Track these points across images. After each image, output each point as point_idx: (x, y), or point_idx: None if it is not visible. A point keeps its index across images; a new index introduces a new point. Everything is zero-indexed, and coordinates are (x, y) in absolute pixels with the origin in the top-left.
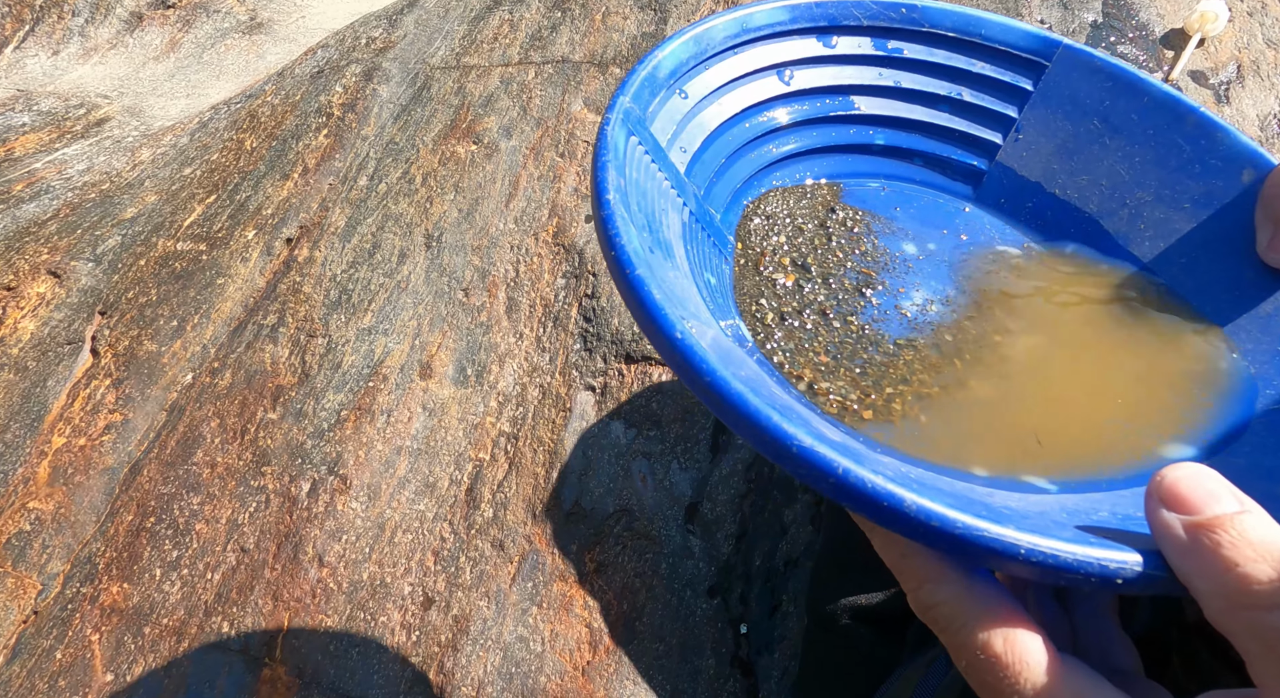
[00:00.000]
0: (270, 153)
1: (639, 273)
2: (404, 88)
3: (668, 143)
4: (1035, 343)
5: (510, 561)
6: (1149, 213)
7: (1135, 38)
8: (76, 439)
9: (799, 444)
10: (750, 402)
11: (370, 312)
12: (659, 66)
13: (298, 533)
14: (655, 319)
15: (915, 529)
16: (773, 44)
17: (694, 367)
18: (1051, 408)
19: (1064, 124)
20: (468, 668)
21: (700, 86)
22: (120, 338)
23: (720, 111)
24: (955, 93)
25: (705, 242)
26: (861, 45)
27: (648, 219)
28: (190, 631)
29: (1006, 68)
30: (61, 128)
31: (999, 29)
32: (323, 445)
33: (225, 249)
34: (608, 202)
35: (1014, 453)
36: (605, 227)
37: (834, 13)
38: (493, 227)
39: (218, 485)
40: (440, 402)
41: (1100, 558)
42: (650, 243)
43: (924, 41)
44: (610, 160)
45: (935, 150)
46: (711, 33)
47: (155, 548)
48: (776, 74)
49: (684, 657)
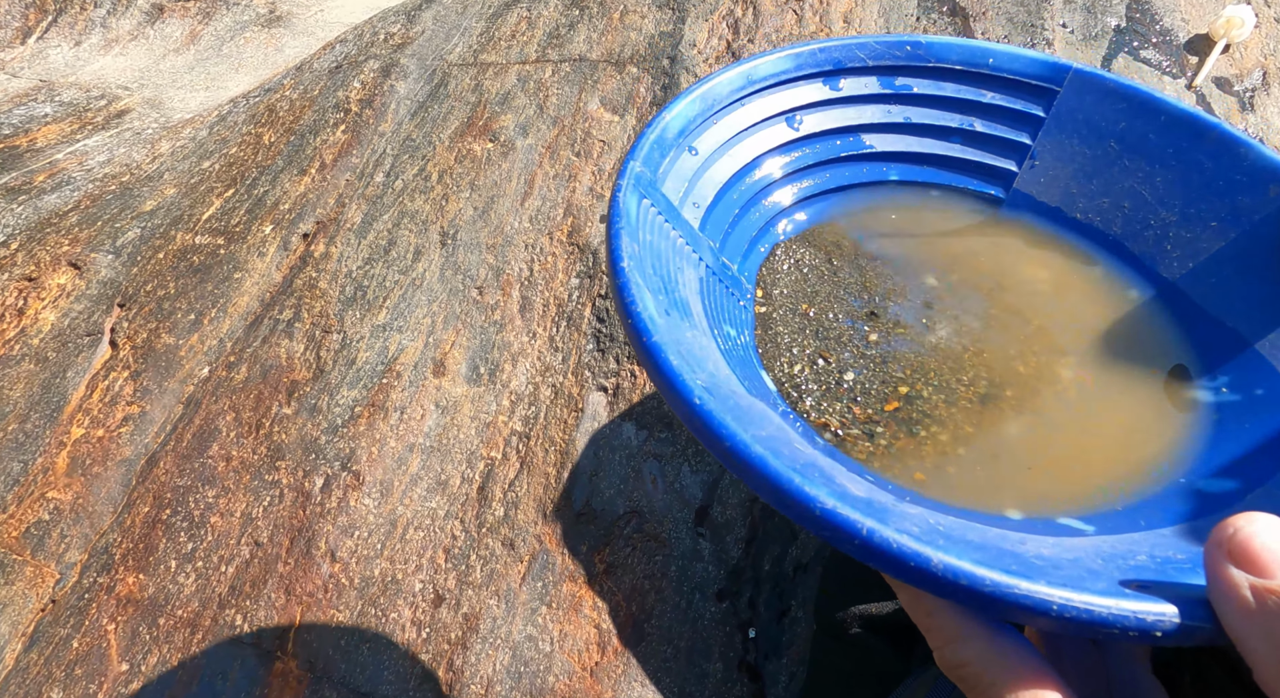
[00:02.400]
0: (288, 147)
1: (655, 340)
2: (421, 84)
3: (680, 201)
4: (1067, 375)
5: (520, 560)
6: (1175, 233)
7: (1159, 43)
8: (95, 430)
9: (822, 506)
10: (771, 464)
11: (385, 308)
12: (667, 127)
13: (310, 528)
14: (674, 385)
15: (943, 587)
16: (779, 92)
17: (713, 431)
18: (1085, 443)
19: (1080, 148)
20: (477, 666)
21: (709, 142)
22: (139, 330)
23: (731, 164)
24: (967, 124)
25: (723, 294)
26: (868, 85)
27: (663, 281)
28: (204, 623)
29: (1017, 96)
30: (83, 119)
31: (1006, 58)
32: (336, 441)
33: (242, 243)
34: (622, 269)
35: (1048, 492)
36: (621, 294)
37: (838, 56)
38: (507, 225)
39: (232, 479)
40: (453, 399)
41: (1137, 611)
42: (666, 305)
43: (931, 76)
44: (623, 227)
45: (950, 182)
46: (717, 89)
47: (170, 540)
48: (785, 120)
49: (692, 660)
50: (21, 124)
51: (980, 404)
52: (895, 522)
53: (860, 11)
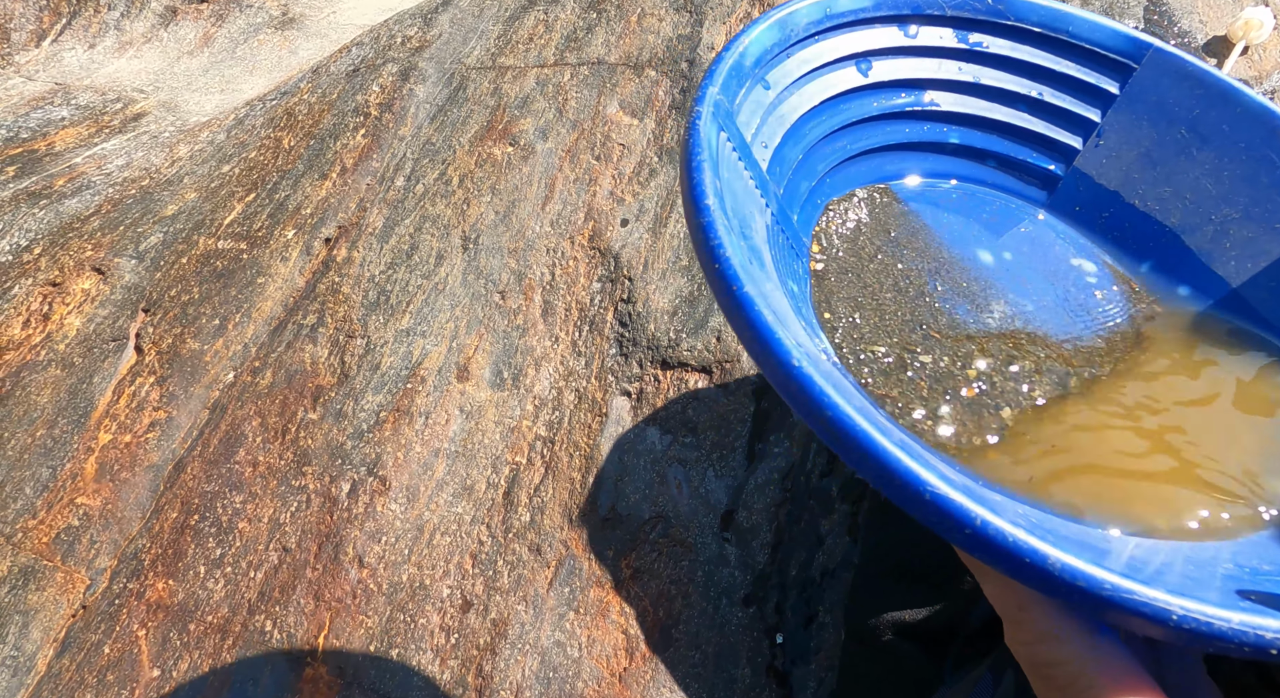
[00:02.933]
0: (308, 152)
1: (747, 291)
2: (440, 88)
3: (752, 137)
4: (1119, 375)
5: (547, 565)
6: (1236, 231)
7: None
8: (122, 436)
9: (933, 490)
10: (878, 443)
11: (408, 313)
12: (745, 53)
13: (338, 534)
14: (769, 345)
15: (1058, 588)
16: (854, 32)
17: (814, 400)
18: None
19: (1149, 131)
20: (506, 672)
21: (782, 76)
22: (164, 336)
23: (800, 103)
24: (1037, 92)
25: (785, 245)
26: (943, 37)
27: (740, 224)
28: (234, 628)
29: (1093, 68)
30: (100, 122)
31: (1088, 27)
32: (362, 446)
33: (265, 248)
34: (707, 207)
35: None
36: (706, 235)
37: (918, 1)
38: (529, 229)
39: (259, 484)
40: (477, 404)
41: (1257, 627)
42: (747, 252)
43: (1008, 36)
44: (705, 160)
45: (1011, 152)
46: (795, 17)
47: (199, 546)
48: (855, 64)
49: (719, 666)
50: (39, 127)
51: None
52: (1006, 513)
53: None
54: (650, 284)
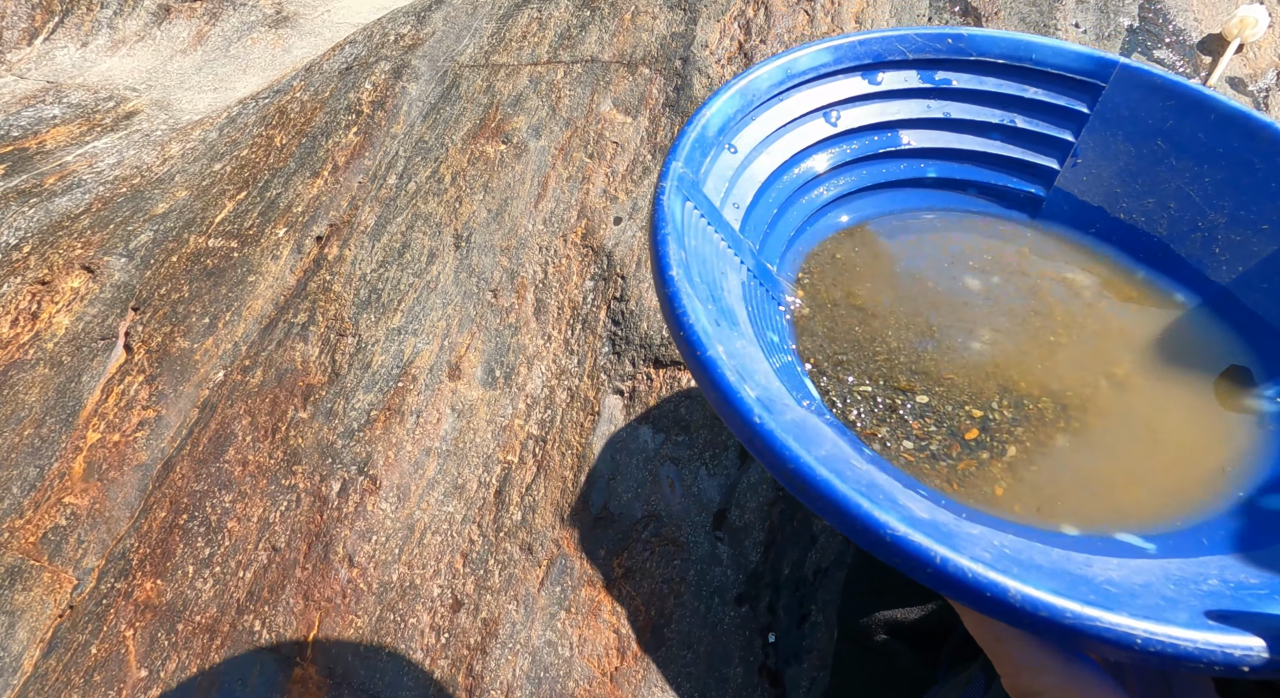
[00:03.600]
0: (300, 150)
1: (710, 355)
2: (433, 86)
3: (721, 202)
4: (1118, 385)
5: (539, 564)
6: (1224, 235)
7: (1172, 43)
8: (111, 435)
9: (893, 533)
10: (837, 489)
11: (400, 312)
12: (708, 125)
13: (328, 533)
14: (731, 403)
15: (1020, 619)
16: (818, 86)
17: (775, 452)
18: (1140, 456)
19: (1125, 146)
20: (496, 672)
21: (748, 139)
22: (153, 334)
23: (770, 162)
24: (1008, 120)
25: (765, 298)
26: (908, 79)
27: (710, 288)
28: (223, 629)
29: (1060, 91)
30: (91, 121)
31: (1050, 52)
32: (353, 445)
33: (256, 246)
34: (671, 278)
35: (1104, 507)
36: (671, 305)
37: (878, 49)
38: (521, 227)
39: (249, 484)
40: (469, 403)
41: (1224, 646)
42: (715, 314)
43: (972, 70)
44: (669, 233)
45: (989, 179)
46: (756, 83)
47: (188, 545)
48: (823, 116)
49: (711, 665)
50: (30, 126)
51: (1027, 415)
52: (967, 548)
53: (871, 11)
54: (643, 282)
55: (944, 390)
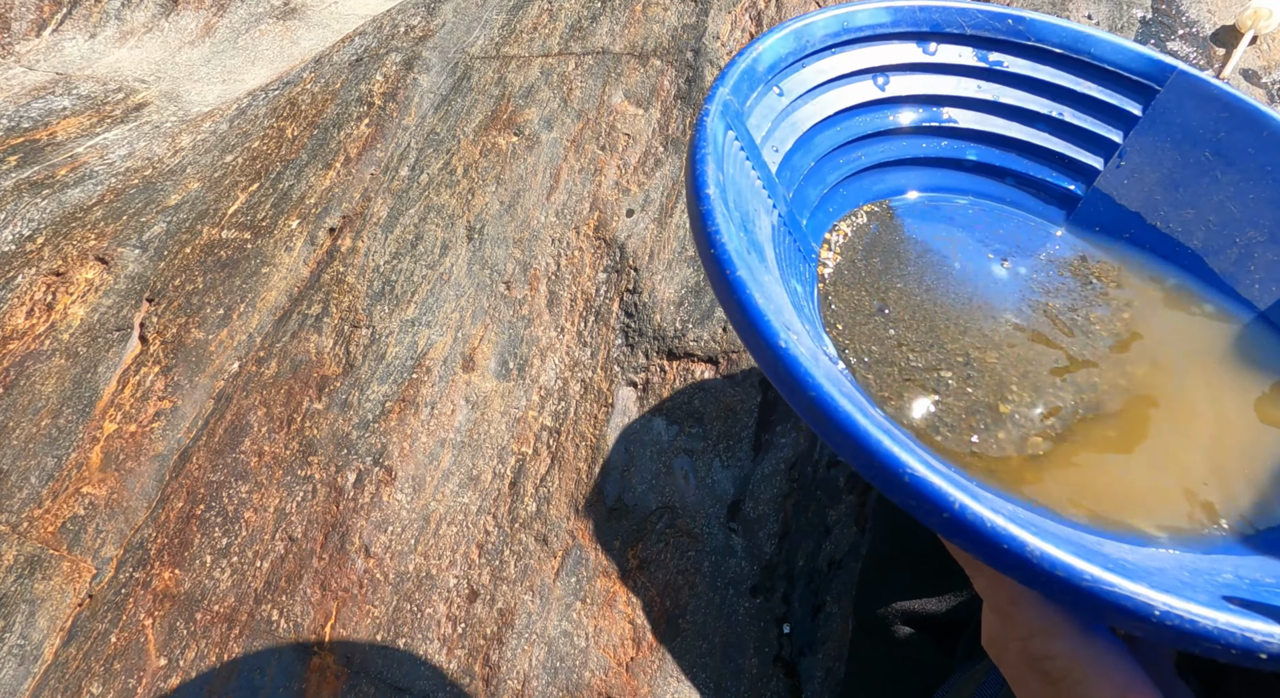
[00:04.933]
0: (312, 141)
1: (740, 275)
2: (444, 77)
3: (762, 140)
4: (1136, 386)
5: (554, 555)
6: (1261, 253)
7: (1185, 34)
8: (127, 425)
9: (911, 473)
10: (859, 424)
11: (413, 303)
12: (758, 59)
13: (344, 523)
14: (757, 325)
15: (1036, 578)
16: (872, 47)
17: (798, 380)
18: (1154, 455)
19: (1172, 153)
20: (513, 662)
21: (797, 84)
22: (168, 325)
23: (814, 112)
24: (1057, 112)
25: (792, 247)
26: (962, 55)
27: (743, 218)
28: (240, 618)
29: (1115, 89)
30: (101, 112)
31: (1110, 49)
32: (368, 436)
33: (269, 238)
34: (707, 196)
35: (1117, 501)
36: (704, 222)
37: (938, 18)
38: (534, 219)
39: (265, 474)
40: (483, 395)
41: (1246, 629)
42: (747, 243)
43: (1028, 56)
44: (710, 153)
45: (1029, 171)
46: (812, 29)
47: (205, 535)
48: (872, 78)
49: (727, 655)
50: (40, 117)
51: (1050, 404)
52: (987, 502)
53: None
54: (656, 274)
55: (965, 370)
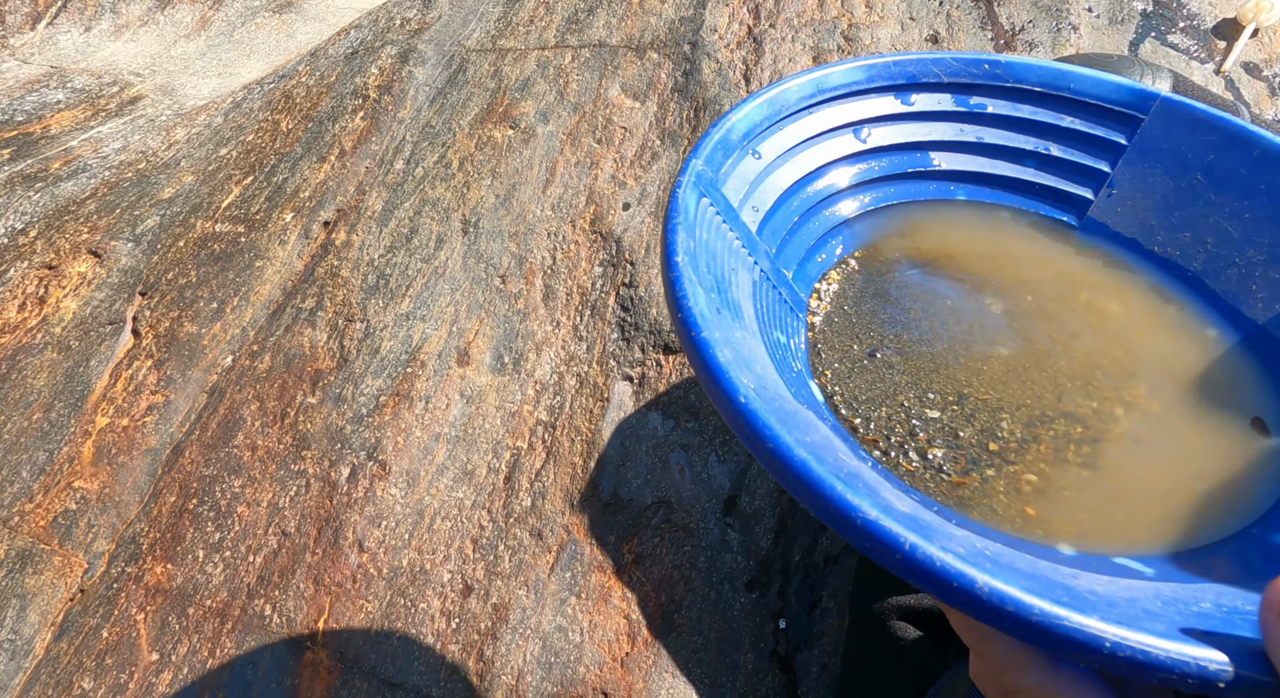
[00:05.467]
0: (306, 134)
1: (704, 335)
2: (439, 70)
3: (740, 203)
4: (1137, 414)
5: (549, 550)
6: (1263, 273)
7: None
8: (119, 419)
9: (864, 517)
10: (814, 469)
11: (408, 297)
12: (732, 129)
13: (338, 518)
14: (719, 382)
15: (988, 613)
16: (849, 103)
17: (757, 431)
18: (1150, 485)
19: (1163, 179)
20: (507, 657)
21: (774, 147)
22: (161, 319)
23: (794, 171)
24: (1042, 148)
25: (776, 300)
26: (941, 102)
27: (716, 280)
28: (233, 613)
29: (1098, 122)
30: (95, 105)
31: (1089, 83)
32: (362, 431)
33: (263, 231)
34: (676, 263)
35: (1107, 531)
36: (673, 289)
37: (913, 71)
38: (530, 213)
39: (258, 469)
40: (478, 389)
41: (1199, 659)
42: (718, 303)
43: (1008, 97)
44: (680, 223)
45: (1021, 206)
46: (786, 95)
47: (198, 530)
48: (853, 132)
49: (722, 651)
50: (34, 111)
51: (1039, 433)
52: (940, 540)
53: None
54: (652, 268)
55: (956, 408)
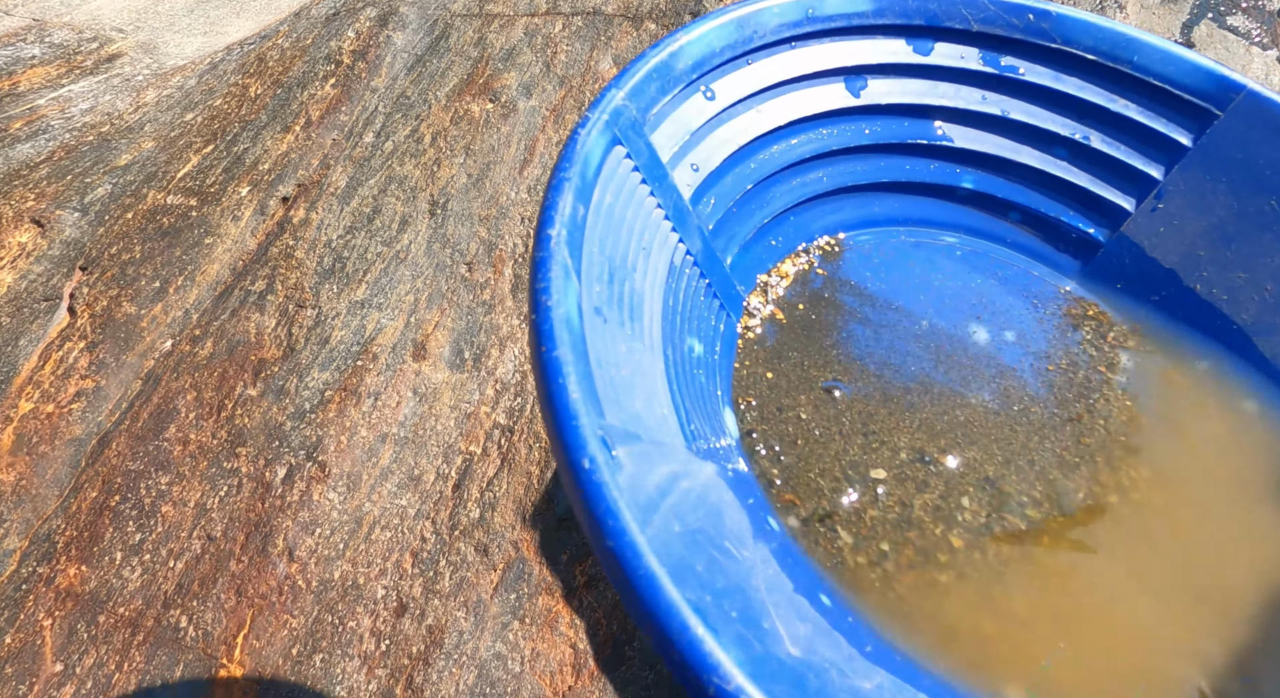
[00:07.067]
0: (274, 101)
1: (556, 354)
2: (420, 35)
3: (673, 157)
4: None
5: (494, 568)
6: None
7: (1249, 8)
8: (44, 405)
9: (719, 686)
10: (664, 595)
11: (365, 283)
12: (679, 53)
13: (268, 523)
14: (559, 425)
15: None
16: (846, 41)
17: (595, 514)
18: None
19: (1226, 198)
20: (438, 685)
21: (735, 86)
22: (99, 297)
23: (757, 122)
24: (1081, 135)
25: (701, 293)
26: (965, 57)
27: (610, 265)
28: (146, 623)
29: (1160, 111)
30: (71, 62)
31: (1159, 58)
32: (303, 428)
33: (216, 205)
34: (548, 240)
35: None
36: (535, 276)
37: (935, 8)
38: (503, 195)
39: (188, 465)
40: (433, 386)
41: None
42: (602, 299)
43: (1051, 62)
44: (570, 180)
45: (1039, 207)
46: (763, 17)
47: (118, 529)
48: (845, 81)
49: (674, 687)
50: (6, 66)
51: (1011, 525)
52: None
53: None
54: None
55: (912, 468)
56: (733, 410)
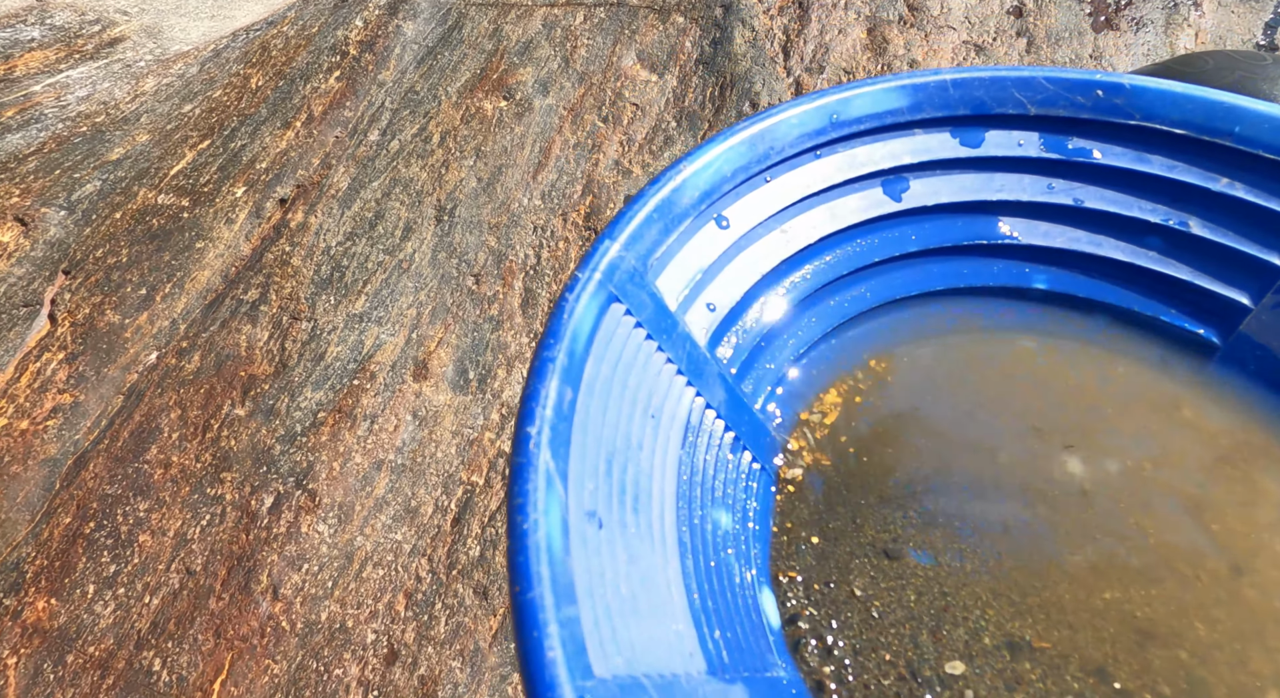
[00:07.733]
0: (275, 94)
1: (531, 597)
2: (432, 26)
3: (683, 301)
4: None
5: (493, 613)
6: None
7: None
8: (19, 421)
9: None
10: None
11: (364, 295)
12: (682, 188)
13: (252, 557)
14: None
15: None
16: (879, 143)
17: None
18: None
19: None
20: None
21: (752, 209)
22: (81, 304)
23: (784, 243)
24: (1178, 222)
25: (727, 448)
26: (1024, 143)
27: (608, 450)
28: (117, 665)
29: (1273, 188)
30: (71, 46)
31: (1269, 127)
32: (293, 452)
33: (210, 207)
34: (526, 439)
35: None
36: (511, 486)
37: (982, 96)
38: (515, 201)
39: (169, 491)
40: (434, 409)
41: None
42: (598, 500)
43: (1130, 141)
44: (553, 361)
45: (1132, 305)
46: (779, 130)
47: (92, 560)
48: (883, 185)
49: None
50: (3, 49)
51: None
52: None
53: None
54: None
55: (994, 658)
56: (772, 591)
